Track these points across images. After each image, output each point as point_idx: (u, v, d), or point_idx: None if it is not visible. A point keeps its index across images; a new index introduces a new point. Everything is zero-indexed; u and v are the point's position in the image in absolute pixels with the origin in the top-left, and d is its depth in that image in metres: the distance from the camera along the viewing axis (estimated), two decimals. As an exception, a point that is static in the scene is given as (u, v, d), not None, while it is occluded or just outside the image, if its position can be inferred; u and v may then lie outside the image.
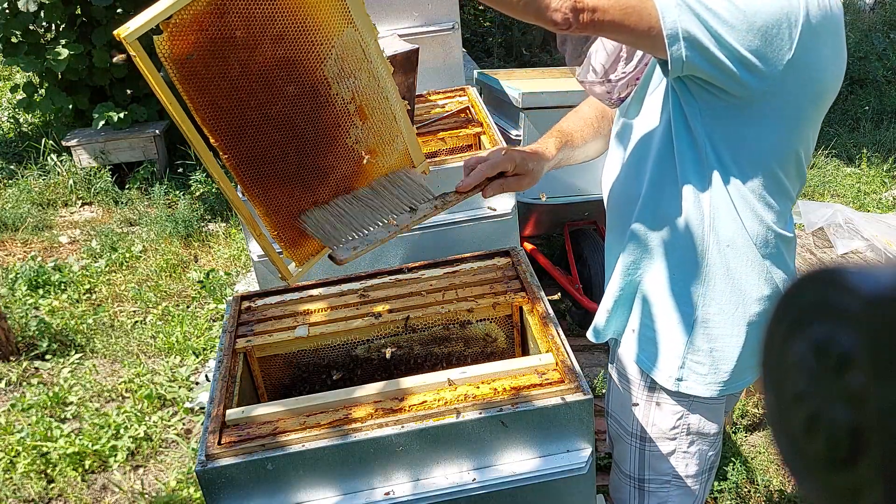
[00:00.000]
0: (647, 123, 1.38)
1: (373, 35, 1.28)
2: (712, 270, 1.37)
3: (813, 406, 0.39)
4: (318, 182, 1.30)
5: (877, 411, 0.35)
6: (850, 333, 0.37)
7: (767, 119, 1.26)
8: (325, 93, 1.25)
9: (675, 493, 1.58)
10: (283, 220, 1.27)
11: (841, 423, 0.37)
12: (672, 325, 1.43)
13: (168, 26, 1.04)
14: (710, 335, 1.41)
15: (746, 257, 1.36)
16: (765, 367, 0.43)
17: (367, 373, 1.62)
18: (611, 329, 1.54)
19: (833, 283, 0.39)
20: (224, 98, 1.13)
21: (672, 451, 1.54)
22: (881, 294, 0.36)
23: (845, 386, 0.37)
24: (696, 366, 1.43)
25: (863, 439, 0.36)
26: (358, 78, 1.29)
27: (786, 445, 0.42)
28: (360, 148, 1.33)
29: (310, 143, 1.26)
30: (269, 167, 1.22)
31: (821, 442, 0.39)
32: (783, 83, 1.21)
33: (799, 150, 1.32)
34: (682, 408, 1.49)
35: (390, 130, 1.38)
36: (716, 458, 1.59)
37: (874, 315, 0.36)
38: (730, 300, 1.39)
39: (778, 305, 0.42)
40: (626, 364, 1.54)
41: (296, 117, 1.23)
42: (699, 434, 1.52)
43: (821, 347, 0.39)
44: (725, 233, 1.34)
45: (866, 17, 7.27)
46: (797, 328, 0.41)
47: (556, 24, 1.12)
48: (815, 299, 0.40)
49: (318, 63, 1.22)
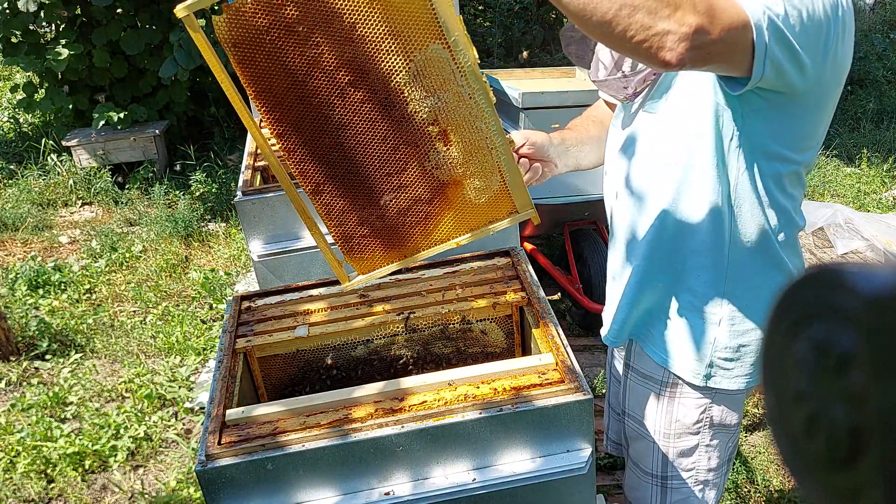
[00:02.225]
0: (672, 118, 1.34)
1: (468, 56, 1.13)
2: (735, 266, 1.36)
3: (813, 406, 0.39)
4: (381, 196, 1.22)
5: (877, 411, 0.35)
6: (850, 333, 0.37)
7: (803, 112, 1.25)
8: (400, 106, 1.15)
9: (697, 487, 1.58)
10: (344, 226, 1.23)
11: (841, 423, 0.37)
12: (697, 325, 1.42)
13: (228, 8, 1.03)
14: (736, 331, 1.40)
15: (767, 250, 1.36)
16: (765, 367, 0.43)
17: (368, 373, 1.62)
18: (627, 331, 1.52)
19: (833, 283, 0.39)
20: (281, 88, 1.10)
21: (695, 445, 1.53)
22: (881, 294, 0.36)
23: (845, 386, 0.37)
24: (723, 362, 1.43)
25: (863, 439, 0.36)
26: (441, 99, 1.17)
27: (786, 445, 0.42)
28: (441, 174, 1.23)
29: (377, 155, 1.19)
30: (327, 168, 1.17)
31: (821, 442, 0.39)
32: (822, 78, 1.21)
33: (819, 138, 1.33)
34: (706, 401, 1.49)
35: (483, 163, 1.24)
36: (734, 449, 1.59)
37: (874, 315, 0.36)
38: (752, 294, 1.38)
39: (778, 305, 0.42)
40: (648, 363, 1.52)
41: (361, 124, 1.16)
42: (721, 426, 1.52)
43: (821, 347, 0.39)
44: (748, 227, 1.34)
45: (866, 17, 7.27)
46: (797, 328, 0.41)
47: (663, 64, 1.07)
48: (815, 299, 0.40)
49: (391, 74, 1.12)
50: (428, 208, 1.26)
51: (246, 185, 1.89)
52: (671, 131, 1.35)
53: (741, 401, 1.52)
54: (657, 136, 1.38)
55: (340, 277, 1.30)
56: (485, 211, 1.28)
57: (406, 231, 1.27)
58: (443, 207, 1.26)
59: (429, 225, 1.28)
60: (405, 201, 1.24)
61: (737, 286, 1.37)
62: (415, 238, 1.29)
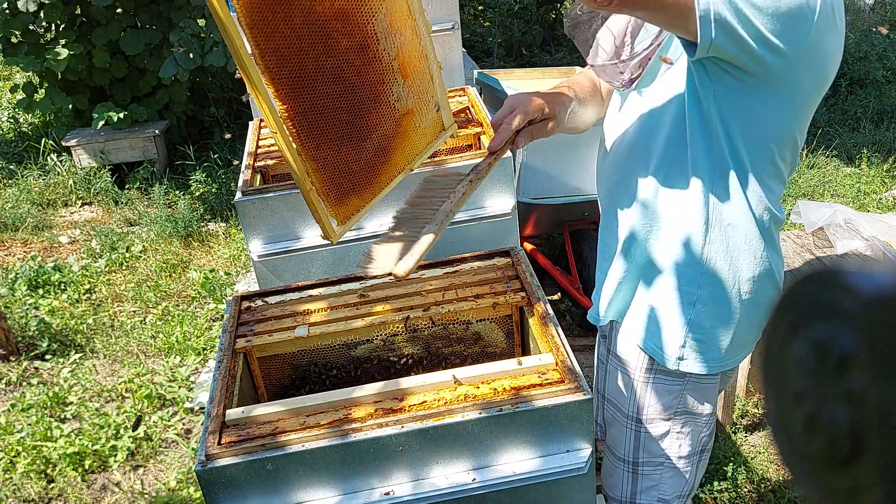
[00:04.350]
0: (659, 100, 1.39)
1: None
2: (713, 248, 1.40)
3: (813, 406, 0.39)
4: (363, 140, 1.29)
5: (877, 411, 0.35)
6: (850, 333, 0.37)
7: (776, 101, 1.29)
8: (374, 48, 1.24)
9: (667, 475, 1.60)
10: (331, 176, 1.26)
11: (841, 423, 0.37)
12: (674, 305, 1.45)
13: None
14: (709, 313, 1.44)
15: (746, 236, 1.40)
16: (765, 367, 0.43)
17: (368, 373, 1.62)
18: (612, 311, 1.56)
19: (833, 283, 0.39)
20: (286, 46, 1.13)
21: (666, 431, 1.57)
22: (881, 294, 0.36)
23: (845, 386, 0.37)
24: (696, 344, 1.46)
25: (863, 439, 0.36)
26: (402, 34, 1.28)
27: (786, 445, 0.42)
28: (401, 106, 1.32)
29: (358, 99, 1.25)
30: (322, 121, 1.22)
31: (821, 442, 0.39)
32: (797, 67, 1.25)
33: (797, 135, 1.36)
34: (678, 387, 1.52)
35: (427, 90, 1.36)
36: (708, 440, 1.62)
37: (874, 315, 0.36)
38: (727, 278, 1.42)
39: (778, 305, 0.42)
40: (626, 346, 1.56)
41: (347, 71, 1.22)
42: (693, 414, 1.55)
43: (821, 347, 0.39)
44: (729, 211, 1.37)
45: (866, 17, 7.27)
46: (797, 328, 0.41)
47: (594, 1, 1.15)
48: (816, 299, 0.40)
49: (370, 17, 1.22)
50: (392, 142, 1.33)
51: (246, 185, 1.89)
52: (654, 114, 1.40)
53: (714, 390, 1.55)
54: (643, 119, 1.42)
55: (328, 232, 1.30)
56: (425, 134, 1.40)
57: (376, 169, 1.32)
58: (401, 139, 1.35)
59: (391, 158, 1.35)
60: (378, 139, 1.30)
61: (715, 270, 1.42)
62: (381, 175, 1.33)
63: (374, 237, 1.85)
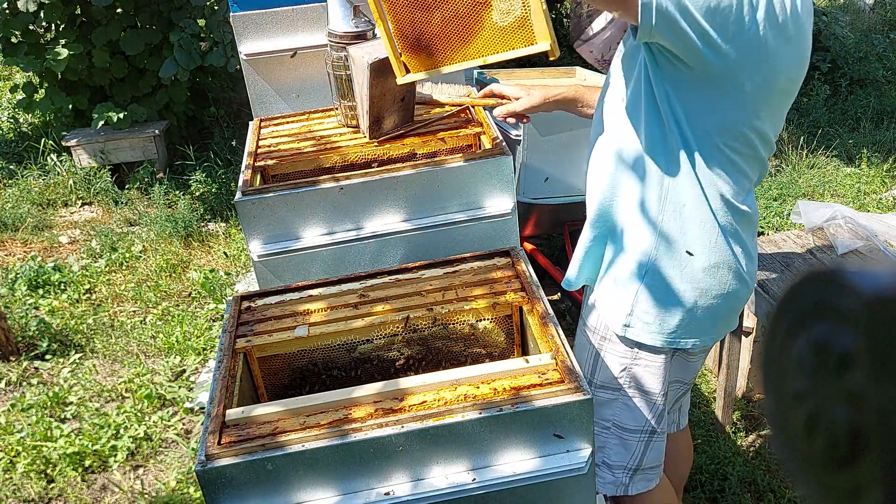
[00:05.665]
0: (619, 82, 1.50)
1: None
2: (667, 225, 1.48)
3: (813, 406, 0.39)
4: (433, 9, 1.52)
5: (877, 411, 0.35)
6: (850, 333, 0.37)
7: (719, 97, 1.36)
8: None
9: (612, 441, 1.70)
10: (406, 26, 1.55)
11: (841, 422, 0.37)
12: (628, 272, 1.55)
13: None
14: (657, 286, 1.52)
15: (700, 221, 1.46)
16: (765, 367, 0.43)
17: (368, 373, 1.62)
18: (583, 276, 1.68)
19: (833, 283, 0.39)
20: None
21: (614, 399, 1.66)
22: (881, 294, 0.36)
23: (845, 386, 0.37)
24: (642, 314, 1.55)
25: (863, 439, 0.36)
26: None
27: (786, 445, 0.42)
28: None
29: None
30: None
31: (821, 442, 0.39)
32: (739, 65, 1.31)
33: (748, 133, 1.41)
34: (628, 359, 1.61)
35: None
36: (657, 423, 1.67)
37: (874, 315, 0.36)
38: (678, 258, 1.49)
39: (778, 305, 0.42)
40: (591, 313, 1.67)
41: None
42: (640, 390, 1.63)
43: (821, 347, 0.39)
44: (682, 192, 1.45)
45: (866, 17, 7.27)
46: (797, 328, 0.41)
47: None
48: (816, 299, 0.40)
49: None
50: (464, 23, 1.55)
51: (246, 185, 1.89)
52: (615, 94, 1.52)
53: (662, 369, 1.62)
54: (610, 96, 1.54)
55: (398, 70, 1.63)
56: (508, 36, 1.54)
57: (447, 41, 1.58)
58: (475, 24, 1.55)
59: (464, 38, 1.58)
60: (447, 12, 1.54)
61: (668, 245, 1.50)
62: (453, 49, 1.59)
63: (374, 237, 1.85)
